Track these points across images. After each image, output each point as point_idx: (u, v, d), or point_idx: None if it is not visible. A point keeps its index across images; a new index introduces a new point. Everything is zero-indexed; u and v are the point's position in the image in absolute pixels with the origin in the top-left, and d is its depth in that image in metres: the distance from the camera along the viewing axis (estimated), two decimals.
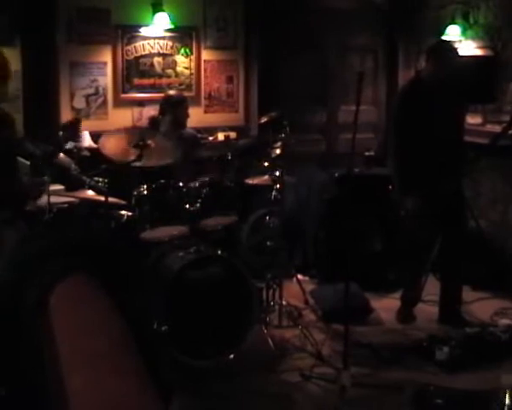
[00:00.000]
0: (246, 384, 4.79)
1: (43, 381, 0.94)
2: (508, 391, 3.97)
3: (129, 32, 7.90)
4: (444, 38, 7.54)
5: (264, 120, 6.26)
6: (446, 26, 7.74)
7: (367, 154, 7.45)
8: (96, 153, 6.00)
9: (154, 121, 6.87)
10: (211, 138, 7.21)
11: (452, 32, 7.70)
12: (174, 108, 6.55)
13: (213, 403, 4.55)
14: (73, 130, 4.97)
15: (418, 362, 5.15)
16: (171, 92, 6.94)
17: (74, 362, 0.88)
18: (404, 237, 6.06)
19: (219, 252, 5.13)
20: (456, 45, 6.59)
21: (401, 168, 5.63)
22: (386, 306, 6.18)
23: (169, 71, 8.07)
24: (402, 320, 5.94)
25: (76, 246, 1.11)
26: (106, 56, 7.87)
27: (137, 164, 5.30)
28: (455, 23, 7.72)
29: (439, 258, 6.05)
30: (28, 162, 5.13)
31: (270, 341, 5.25)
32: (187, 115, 6.63)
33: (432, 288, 6.15)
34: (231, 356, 4.94)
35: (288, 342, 5.46)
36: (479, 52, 7.40)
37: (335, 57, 8.73)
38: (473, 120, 6.95)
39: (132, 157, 5.26)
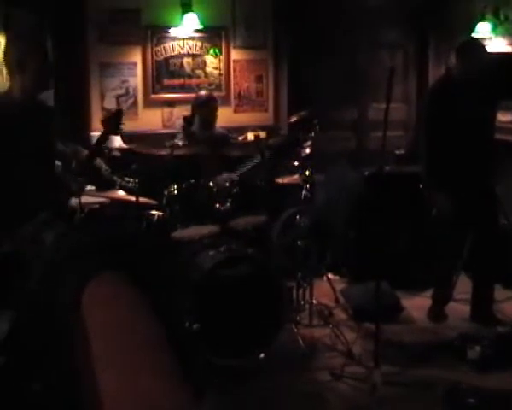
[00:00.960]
0: (276, 383, 4.79)
1: (77, 378, 0.95)
2: None
3: (158, 32, 7.94)
4: (474, 35, 7.50)
5: (293, 119, 6.25)
6: (476, 23, 7.70)
7: (397, 152, 7.42)
8: (126, 153, 6.04)
9: (188, 121, 6.89)
10: (241, 138, 7.21)
11: (482, 29, 7.65)
12: (202, 109, 6.57)
13: (244, 402, 4.55)
14: (115, 121, 4.96)
15: (449, 361, 5.11)
16: (202, 92, 6.95)
17: (108, 360, 0.89)
18: (434, 235, 6.02)
19: (250, 251, 5.14)
20: (487, 42, 6.54)
21: (432, 166, 5.60)
22: (416, 304, 6.15)
23: (198, 71, 8.09)
24: (433, 319, 5.91)
25: (108, 246, 1.12)
26: (136, 57, 7.92)
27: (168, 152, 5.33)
28: (485, 20, 7.67)
29: (470, 256, 6.00)
30: (59, 163, 5.17)
31: (300, 340, 5.25)
32: (215, 116, 6.64)
33: (463, 286, 6.10)
34: (262, 355, 4.94)
35: (318, 342, 5.45)
36: (509, 49, 7.34)
37: (365, 55, 8.69)
38: (503, 117, 6.89)
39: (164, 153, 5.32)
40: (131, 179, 5.39)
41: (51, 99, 6.62)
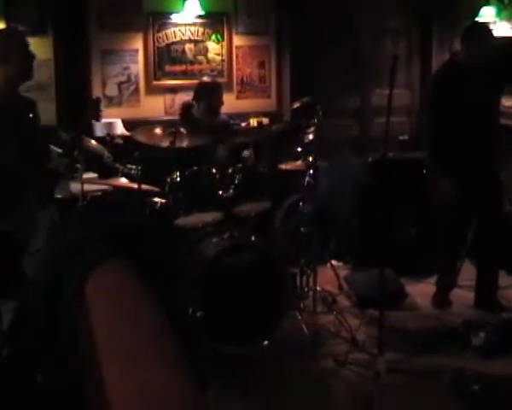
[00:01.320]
0: (280, 370, 4.79)
1: (80, 369, 0.93)
2: None
3: (160, 19, 7.92)
4: (478, 19, 7.46)
5: (296, 105, 6.22)
6: (481, 7, 7.66)
7: (401, 138, 7.40)
8: (128, 140, 6.02)
9: (186, 107, 6.86)
10: (243, 124, 7.19)
11: (487, 14, 7.61)
12: (208, 95, 6.54)
13: (247, 390, 4.55)
14: (94, 108, 5.04)
15: (454, 348, 5.11)
16: (206, 79, 6.93)
17: (112, 351, 0.88)
18: (438, 221, 6.01)
19: (253, 238, 5.12)
20: (491, 27, 6.49)
21: (436, 151, 5.58)
22: (421, 291, 6.13)
23: (200, 57, 8.07)
24: (437, 305, 5.90)
25: (111, 234, 1.10)
26: (137, 44, 7.90)
27: (169, 145, 5.33)
28: (489, 4, 7.63)
29: (474, 242, 5.99)
30: (60, 150, 5.17)
31: (304, 327, 5.25)
32: (221, 102, 6.63)
33: (467, 273, 6.10)
34: (266, 343, 4.93)
35: (322, 328, 5.45)
36: None
37: (368, 41, 8.65)
38: (508, 102, 6.86)
39: (166, 144, 5.29)
40: (134, 166, 5.37)
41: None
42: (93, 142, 5.56)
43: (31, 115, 4.67)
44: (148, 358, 0.85)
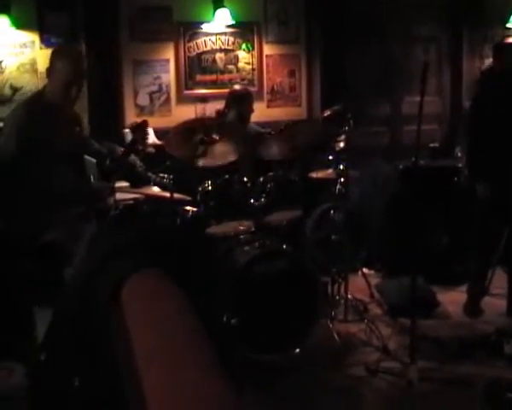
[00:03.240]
0: (312, 379, 4.78)
1: (116, 371, 0.95)
2: None
3: (190, 28, 7.97)
4: (508, 25, 7.42)
5: (327, 113, 6.22)
6: (510, 13, 7.62)
7: (431, 145, 7.36)
8: (160, 149, 6.06)
9: (220, 115, 6.90)
10: (274, 133, 7.19)
11: None
12: (239, 103, 6.58)
13: (279, 398, 4.55)
14: (141, 131, 5.11)
15: (486, 356, 5.07)
16: (237, 87, 6.96)
17: (151, 354, 0.90)
18: (471, 228, 5.97)
19: (284, 247, 5.13)
20: None
21: (474, 155, 5.57)
22: (452, 299, 6.10)
23: (231, 67, 8.11)
24: (469, 314, 5.86)
25: (146, 242, 1.12)
26: (168, 53, 7.95)
27: (201, 164, 5.36)
28: None
29: (506, 250, 5.94)
30: (94, 160, 5.22)
31: (335, 335, 5.24)
32: (251, 110, 6.67)
33: (500, 281, 6.05)
34: (297, 351, 4.93)
35: (353, 337, 5.43)
36: None
37: (399, 48, 8.64)
38: None
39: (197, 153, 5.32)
40: (166, 175, 5.40)
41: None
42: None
43: (78, 129, 4.81)
44: (186, 361, 0.87)
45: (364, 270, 6.42)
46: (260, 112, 7.78)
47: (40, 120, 4.47)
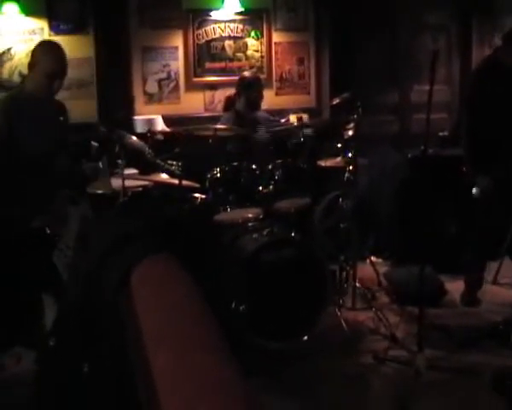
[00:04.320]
0: (319, 366, 4.79)
1: (125, 356, 0.95)
2: None
3: (200, 16, 7.95)
4: None
5: (336, 101, 6.21)
6: None
7: (441, 134, 7.35)
8: (169, 137, 6.07)
9: (229, 101, 6.90)
10: (283, 121, 7.20)
11: None
12: (248, 90, 6.57)
13: (287, 385, 4.56)
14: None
15: (494, 345, 5.06)
16: (247, 73, 6.95)
17: (159, 338, 0.90)
18: (474, 217, 5.95)
19: (293, 234, 5.13)
20: None
21: (474, 147, 5.53)
22: (460, 288, 6.08)
23: (240, 54, 8.10)
24: (466, 304, 5.84)
25: (152, 229, 1.13)
26: (177, 41, 7.95)
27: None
28: None
29: None
30: (96, 144, 5.25)
31: (343, 323, 5.24)
32: (261, 97, 6.66)
33: (507, 270, 6.05)
34: (305, 338, 4.94)
35: (361, 325, 5.44)
36: None
37: (408, 36, 8.61)
38: None
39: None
40: (174, 162, 5.41)
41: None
42: (134, 138, 5.61)
43: (61, 118, 4.84)
44: (195, 344, 0.87)
45: (372, 258, 6.42)
46: (269, 100, 7.77)
47: (24, 113, 4.54)
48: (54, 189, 4.62)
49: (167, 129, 7.09)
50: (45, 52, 4.63)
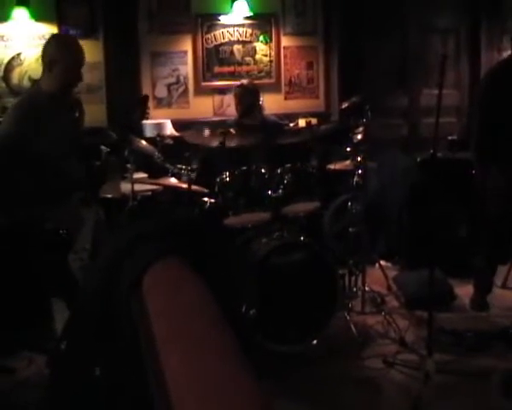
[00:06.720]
0: (329, 370, 4.79)
1: (137, 360, 0.96)
2: None
3: (208, 20, 7.98)
4: None
5: (345, 105, 6.21)
6: None
7: (450, 138, 7.34)
8: (178, 141, 6.08)
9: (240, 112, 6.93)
10: (292, 125, 7.20)
11: None
12: (243, 97, 6.63)
13: (296, 388, 4.56)
14: (143, 107, 5.15)
15: (503, 349, 5.06)
16: (244, 81, 6.97)
17: (172, 342, 0.90)
18: (485, 220, 5.93)
19: (302, 238, 5.13)
20: None
21: (484, 147, 5.52)
22: (470, 292, 6.08)
23: (248, 58, 8.12)
24: (475, 308, 5.83)
25: (163, 232, 1.13)
26: (186, 45, 7.97)
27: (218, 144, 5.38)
28: None
29: None
30: (106, 149, 5.26)
31: (352, 327, 5.24)
32: (258, 103, 6.66)
33: None
34: (314, 342, 4.94)
35: (370, 329, 5.44)
36: None
37: (417, 39, 8.61)
38: None
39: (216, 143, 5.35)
40: (184, 167, 5.42)
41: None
42: (143, 142, 5.63)
43: (76, 114, 4.82)
44: (207, 348, 0.87)
45: (382, 262, 6.42)
46: (278, 104, 7.79)
47: (43, 115, 4.51)
48: (69, 190, 4.61)
49: (176, 133, 7.10)
50: (64, 48, 4.56)
